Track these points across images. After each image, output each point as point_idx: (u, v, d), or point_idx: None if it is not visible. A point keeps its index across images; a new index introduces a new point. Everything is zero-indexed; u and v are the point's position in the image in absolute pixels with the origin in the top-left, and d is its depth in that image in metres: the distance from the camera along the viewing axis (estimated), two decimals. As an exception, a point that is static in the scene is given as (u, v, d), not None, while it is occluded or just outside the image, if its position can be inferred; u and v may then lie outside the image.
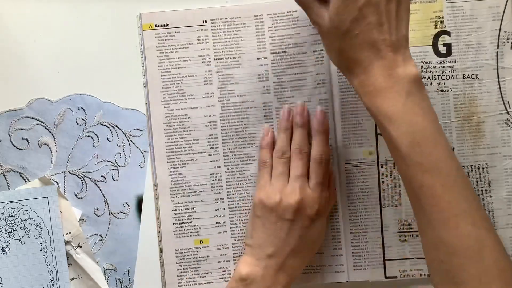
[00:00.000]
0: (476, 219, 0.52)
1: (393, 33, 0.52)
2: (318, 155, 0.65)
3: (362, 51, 0.53)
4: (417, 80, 0.53)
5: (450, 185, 0.52)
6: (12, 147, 0.69)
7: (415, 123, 0.52)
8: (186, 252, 0.69)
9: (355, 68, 0.54)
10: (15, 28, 0.69)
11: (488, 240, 0.52)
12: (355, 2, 0.51)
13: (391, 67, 0.52)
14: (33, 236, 0.68)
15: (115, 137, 0.70)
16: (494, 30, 0.67)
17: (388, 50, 0.52)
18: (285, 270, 0.63)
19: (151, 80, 0.69)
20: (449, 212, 0.52)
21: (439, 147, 0.53)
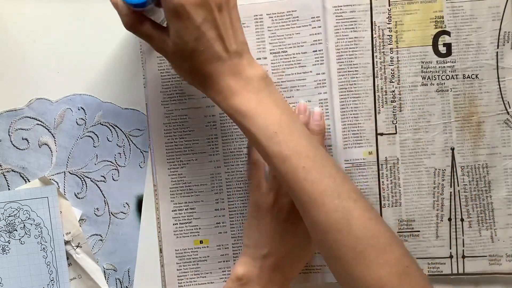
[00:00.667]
0: (341, 193, 0.55)
1: (232, 42, 0.56)
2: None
3: (211, 65, 0.56)
4: (265, 77, 0.58)
5: (310, 165, 0.55)
6: (12, 147, 0.69)
7: (269, 115, 0.56)
8: (186, 252, 0.69)
9: (208, 81, 0.57)
10: (15, 28, 0.69)
11: (356, 209, 0.55)
12: (192, 22, 0.54)
13: (239, 71, 0.57)
14: (33, 236, 0.68)
15: (115, 137, 0.70)
16: (494, 30, 0.67)
17: (232, 58, 0.56)
18: (281, 270, 0.63)
19: (151, 80, 0.69)
20: (314, 191, 0.55)
21: (295, 133, 0.57)
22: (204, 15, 0.54)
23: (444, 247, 0.68)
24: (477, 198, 0.68)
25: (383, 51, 0.68)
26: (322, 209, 0.54)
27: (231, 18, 0.57)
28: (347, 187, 0.56)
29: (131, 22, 0.58)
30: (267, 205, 0.64)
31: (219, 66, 0.56)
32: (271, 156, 0.56)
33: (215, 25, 0.55)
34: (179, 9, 0.53)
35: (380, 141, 0.68)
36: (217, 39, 0.55)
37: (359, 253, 0.53)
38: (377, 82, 0.68)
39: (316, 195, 0.55)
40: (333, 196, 0.55)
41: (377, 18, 0.68)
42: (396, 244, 0.55)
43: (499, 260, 0.68)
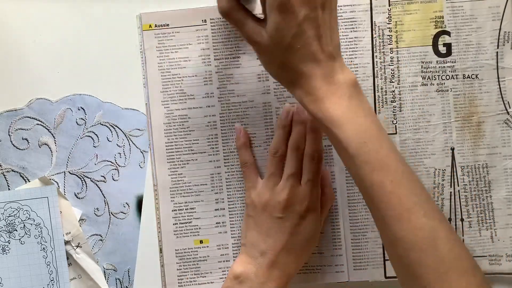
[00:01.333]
0: (427, 211, 0.54)
1: (329, 43, 0.55)
2: (311, 153, 0.65)
3: (304, 63, 0.54)
4: (356, 84, 0.56)
5: (398, 180, 0.54)
6: (12, 147, 0.69)
7: (360, 124, 0.54)
8: (186, 252, 0.69)
9: (298, 79, 0.55)
10: (15, 28, 0.69)
11: (441, 230, 0.53)
12: (295, 18, 0.52)
13: (331, 75, 0.55)
14: (33, 236, 0.68)
15: (115, 137, 0.70)
16: (494, 30, 0.67)
17: (327, 60, 0.54)
18: (278, 267, 0.63)
19: (151, 80, 0.69)
20: (400, 207, 0.53)
21: (384, 145, 0.55)
22: (307, 12, 0.52)
23: (444, 247, 0.68)
24: (477, 198, 0.68)
25: (383, 51, 0.68)
26: (408, 226, 0.53)
27: (331, 18, 0.55)
28: (431, 206, 0.55)
29: (228, 6, 0.57)
30: (262, 203, 0.64)
31: (313, 66, 0.54)
32: (359, 164, 0.54)
33: (316, 24, 0.53)
34: (285, 2, 0.52)
35: (380, 141, 0.68)
36: (315, 39, 0.54)
37: (442, 274, 0.52)
38: (377, 82, 0.68)
39: (402, 210, 0.53)
40: (420, 214, 0.53)
41: (377, 18, 0.68)
42: (477, 269, 0.55)
43: (499, 260, 0.68)
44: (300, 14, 0.52)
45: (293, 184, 0.64)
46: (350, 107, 0.54)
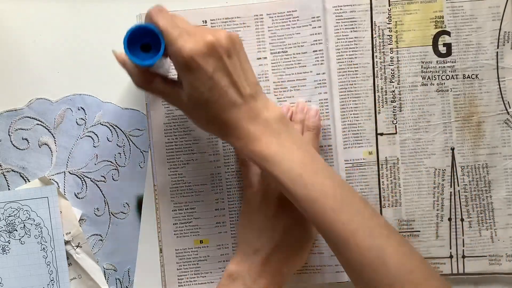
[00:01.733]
0: (372, 229, 0.55)
1: (245, 86, 0.56)
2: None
3: (227, 112, 0.56)
4: (283, 118, 0.58)
5: (338, 206, 0.55)
6: (12, 147, 0.69)
7: (292, 158, 0.56)
8: (186, 252, 0.69)
9: (227, 128, 0.57)
10: (15, 28, 0.69)
11: (389, 246, 0.55)
12: (204, 73, 0.54)
13: (256, 115, 0.57)
14: (33, 236, 0.68)
15: (115, 137, 0.70)
16: (494, 30, 0.67)
17: (248, 102, 0.56)
18: (271, 265, 0.63)
19: (151, 80, 0.69)
20: (345, 231, 0.55)
21: (319, 173, 0.57)
22: (215, 63, 0.54)
23: (444, 247, 0.68)
24: (477, 198, 0.68)
25: (383, 51, 0.68)
26: (356, 249, 0.54)
27: (240, 61, 0.56)
28: (376, 222, 0.56)
29: (142, 81, 0.58)
30: (257, 202, 0.64)
31: (236, 112, 0.56)
32: (299, 199, 0.56)
33: (227, 72, 0.55)
34: (189, 61, 0.53)
35: (380, 141, 0.68)
36: (231, 86, 0.55)
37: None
38: (377, 82, 0.68)
39: (348, 234, 0.54)
40: (365, 235, 0.54)
41: (377, 18, 0.68)
42: (432, 277, 0.55)
43: (499, 260, 0.68)
44: (208, 68, 0.54)
45: None
46: (281, 143, 0.56)
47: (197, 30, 0.55)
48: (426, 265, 0.56)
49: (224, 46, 0.54)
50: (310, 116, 0.66)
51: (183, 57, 0.53)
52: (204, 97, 0.55)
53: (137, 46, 0.56)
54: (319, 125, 0.67)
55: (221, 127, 0.57)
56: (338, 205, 0.55)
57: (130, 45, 0.55)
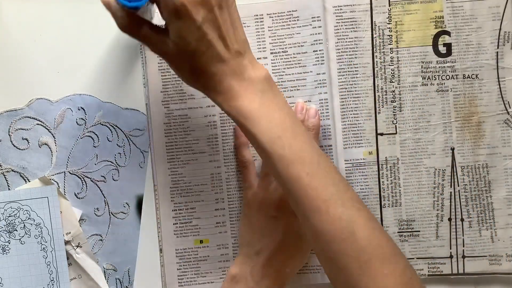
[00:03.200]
0: (345, 201, 0.54)
1: (233, 41, 0.55)
2: None
3: (212, 65, 0.54)
4: (269, 79, 0.56)
5: (314, 172, 0.54)
6: (12, 147, 0.69)
7: (273, 119, 0.55)
8: (186, 252, 0.69)
9: (210, 82, 0.55)
10: (15, 28, 0.69)
11: (360, 218, 0.54)
12: (193, 22, 0.52)
13: (241, 72, 0.55)
14: (33, 236, 0.68)
15: (115, 137, 0.70)
16: (494, 30, 0.67)
17: (234, 58, 0.55)
18: (274, 266, 0.63)
19: (151, 80, 0.69)
20: (318, 199, 0.53)
21: (299, 138, 0.55)
22: (205, 14, 0.53)
23: (444, 247, 0.68)
24: (477, 198, 0.68)
25: (383, 51, 0.68)
26: (326, 217, 0.53)
27: (231, 15, 0.55)
28: (350, 195, 0.55)
29: (127, 24, 0.56)
30: (257, 203, 0.64)
31: (221, 66, 0.54)
32: (275, 160, 0.54)
33: (216, 25, 0.53)
34: (180, 8, 0.51)
35: (380, 141, 0.68)
36: (219, 39, 0.54)
37: (363, 263, 0.52)
38: (377, 82, 0.68)
39: (320, 202, 0.53)
40: (337, 204, 0.53)
41: (377, 18, 0.68)
42: (399, 255, 0.55)
43: (499, 260, 0.68)
44: (197, 17, 0.52)
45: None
46: (263, 102, 0.55)
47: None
48: (393, 243, 0.55)
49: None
50: (309, 116, 0.66)
51: (173, 3, 0.51)
52: (190, 47, 0.53)
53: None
54: (318, 125, 0.67)
55: (204, 81, 0.56)
56: (314, 170, 0.54)
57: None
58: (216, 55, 0.54)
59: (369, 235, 0.53)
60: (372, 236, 0.53)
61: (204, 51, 0.54)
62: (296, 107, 0.67)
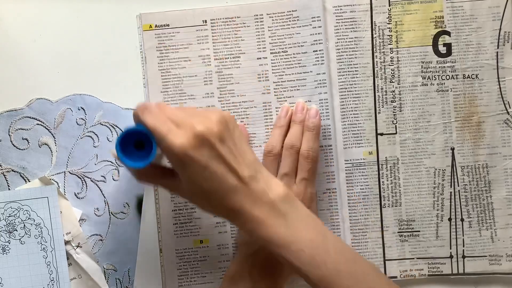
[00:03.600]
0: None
1: (244, 168, 0.54)
2: (306, 151, 0.65)
3: (229, 199, 0.54)
4: (287, 196, 0.56)
5: (353, 283, 0.55)
6: (12, 147, 0.69)
7: (302, 239, 0.55)
8: (186, 252, 0.69)
9: (231, 214, 0.55)
10: (15, 28, 0.69)
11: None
12: (199, 165, 0.52)
13: (260, 197, 0.54)
14: (33, 236, 0.68)
15: (115, 137, 0.70)
16: (494, 30, 0.67)
17: (249, 185, 0.54)
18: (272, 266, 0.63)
19: (151, 81, 0.69)
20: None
21: (330, 250, 0.55)
22: (208, 153, 0.52)
23: (444, 247, 0.68)
24: (477, 198, 0.68)
25: (383, 51, 0.68)
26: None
27: (235, 142, 0.55)
28: (382, 279, 0.57)
29: (141, 176, 0.58)
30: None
31: (238, 197, 0.54)
32: (315, 281, 0.54)
33: (222, 159, 0.53)
34: (182, 157, 0.51)
35: (380, 141, 0.68)
36: (228, 172, 0.53)
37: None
38: (377, 82, 0.68)
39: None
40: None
41: (377, 18, 0.68)
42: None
43: (499, 260, 0.68)
44: (202, 159, 0.52)
45: (287, 183, 0.64)
46: (288, 225, 0.55)
47: (186, 119, 0.52)
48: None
49: (215, 133, 0.52)
50: (310, 116, 0.66)
51: (174, 154, 0.51)
52: (203, 187, 0.53)
53: (131, 144, 0.54)
54: (319, 125, 0.67)
55: (227, 213, 0.55)
56: (353, 282, 0.55)
57: (123, 145, 0.54)
58: (230, 188, 0.53)
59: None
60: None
61: (217, 187, 0.53)
62: (296, 107, 0.67)
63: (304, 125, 0.66)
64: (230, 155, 0.53)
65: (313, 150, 0.65)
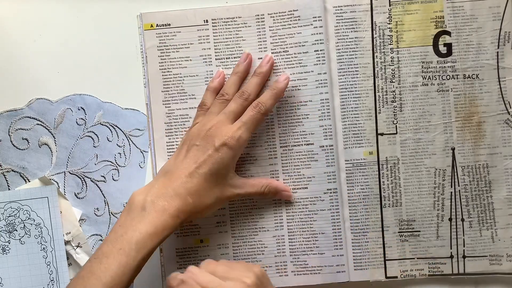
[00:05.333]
0: None
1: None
2: (257, 101, 0.64)
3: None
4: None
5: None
6: (12, 147, 0.68)
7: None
8: (187, 251, 0.69)
9: None
10: (15, 28, 0.69)
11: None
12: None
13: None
14: (33, 236, 0.68)
15: (115, 137, 0.69)
16: (494, 30, 0.67)
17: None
18: (183, 191, 0.61)
19: (152, 80, 0.69)
20: None
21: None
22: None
23: (444, 247, 0.68)
24: (478, 198, 0.68)
25: (383, 51, 0.68)
26: None
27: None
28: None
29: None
30: (189, 134, 0.64)
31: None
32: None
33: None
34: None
35: (380, 141, 0.68)
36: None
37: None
38: (377, 82, 0.68)
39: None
40: None
41: (377, 18, 0.68)
42: None
43: (499, 260, 0.68)
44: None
45: (223, 120, 0.63)
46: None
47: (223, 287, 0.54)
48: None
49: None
50: (278, 79, 0.66)
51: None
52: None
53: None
54: (283, 89, 0.66)
55: None
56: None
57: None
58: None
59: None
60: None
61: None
62: (263, 59, 0.67)
63: (264, 80, 0.66)
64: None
65: (265, 104, 0.64)
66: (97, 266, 0.57)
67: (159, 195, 0.61)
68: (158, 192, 0.61)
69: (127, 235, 0.58)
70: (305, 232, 0.69)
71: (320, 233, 0.68)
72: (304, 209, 0.69)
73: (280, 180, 0.68)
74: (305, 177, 0.68)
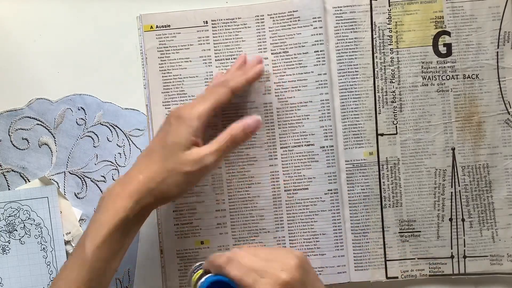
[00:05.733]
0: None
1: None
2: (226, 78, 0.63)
3: None
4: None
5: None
6: (12, 147, 0.68)
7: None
8: (187, 252, 0.69)
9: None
10: (15, 28, 0.69)
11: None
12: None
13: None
14: (33, 236, 0.68)
15: (115, 137, 0.69)
16: (494, 30, 0.68)
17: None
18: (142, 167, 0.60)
19: (152, 81, 0.69)
20: None
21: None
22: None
23: (445, 247, 0.68)
24: (478, 198, 0.68)
25: (383, 51, 0.68)
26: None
27: (313, 282, 0.56)
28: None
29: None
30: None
31: None
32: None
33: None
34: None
35: (380, 141, 0.68)
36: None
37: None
38: (377, 82, 0.68)
39: None
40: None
41: (377, 18, 0.68)
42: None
43: (500, 260, 0.68)
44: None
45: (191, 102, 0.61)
46: None
47: (268, 268, 0.54)
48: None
49: (298, 279, 0.54)
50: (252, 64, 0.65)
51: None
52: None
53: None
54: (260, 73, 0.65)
55: None
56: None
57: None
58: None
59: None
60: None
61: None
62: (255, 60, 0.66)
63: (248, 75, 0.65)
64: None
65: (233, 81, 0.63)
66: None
67: (119, 182, 0.60)
68: (120, 181, 0.60)
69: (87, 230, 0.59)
70: (305, 233, 0.69)
71: (320, 234, 0.68)
72: (304, 210, 0.68)
73: (280, 181, 0.68)
74: (306, 178, 0.68)
